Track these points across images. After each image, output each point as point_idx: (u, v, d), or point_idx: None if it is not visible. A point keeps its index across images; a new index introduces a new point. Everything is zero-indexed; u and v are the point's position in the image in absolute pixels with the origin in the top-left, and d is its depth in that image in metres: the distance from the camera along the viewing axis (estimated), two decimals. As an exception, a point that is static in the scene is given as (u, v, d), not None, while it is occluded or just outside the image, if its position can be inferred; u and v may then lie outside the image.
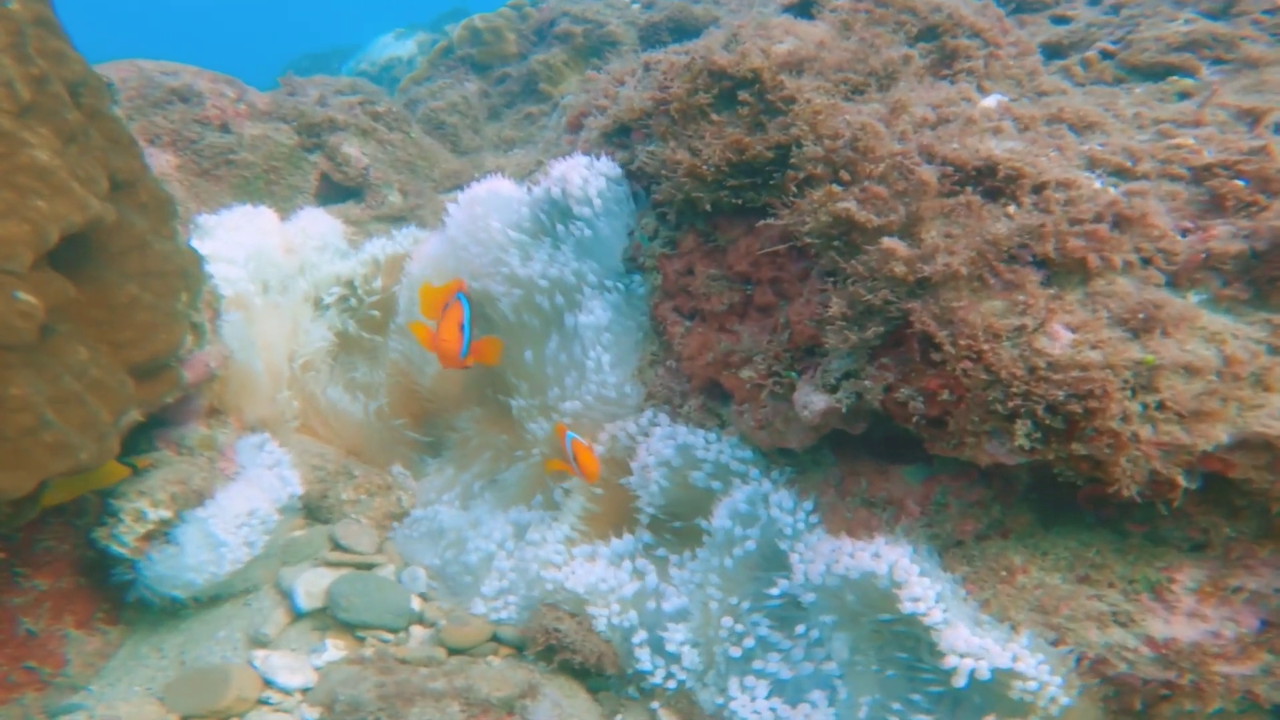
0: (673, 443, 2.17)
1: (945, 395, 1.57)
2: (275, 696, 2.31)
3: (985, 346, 1.51)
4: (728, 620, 2.10)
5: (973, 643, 1.60)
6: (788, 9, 2.37)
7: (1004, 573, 1.71)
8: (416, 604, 2.67)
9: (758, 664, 2.09)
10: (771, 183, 1.92)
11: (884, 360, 1.67)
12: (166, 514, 2.35)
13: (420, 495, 3.01)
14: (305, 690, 2.33)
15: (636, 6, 4.46)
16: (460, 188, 3.65)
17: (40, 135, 1.77)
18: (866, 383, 1.66)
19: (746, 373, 1.96)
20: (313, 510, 2.99)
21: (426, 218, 3.34)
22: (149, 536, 2.31)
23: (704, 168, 1.97)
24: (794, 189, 1.79)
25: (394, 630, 2.58)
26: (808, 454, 2.03)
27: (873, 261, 1.62)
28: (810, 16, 2.21)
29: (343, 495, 2.98)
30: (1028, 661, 1.60)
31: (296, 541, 2.85)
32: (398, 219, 3.33)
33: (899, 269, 1.58)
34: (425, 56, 8.82)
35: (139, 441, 2.42)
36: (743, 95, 1.96)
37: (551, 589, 2.33)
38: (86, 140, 1.96)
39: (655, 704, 2.30)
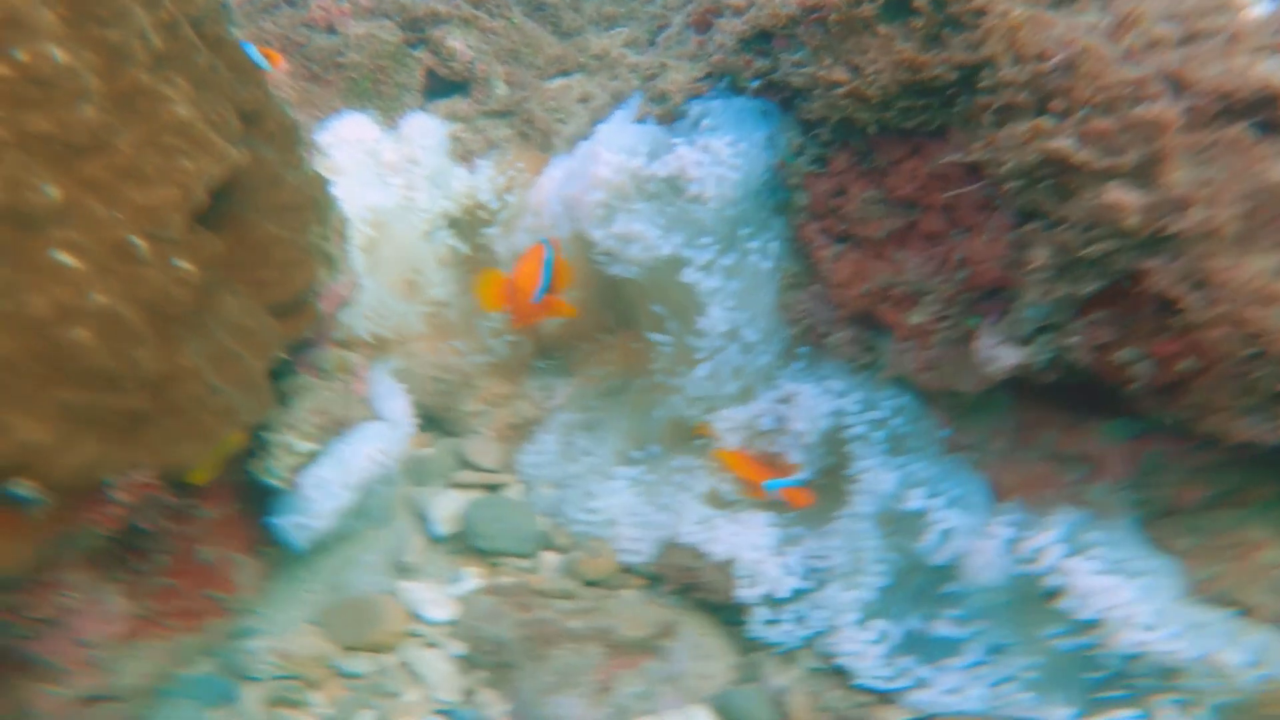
0: (825, 409, 2.07)
1: (1186, 363, 1.42)
2: (422, 629, 2.39)
3: (1251, 314, 1.34)
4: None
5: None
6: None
7: (1237, 548, 1.60)
8: (544, 524, 2.71)
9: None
10: (954, 108, 1.73)
11: (1096, 316, 1.52)
12: (314, 445, 2.39)
13: (544, 412, 3.00)
14: (450, 623, 2.41)
15: None
16: (565, 74, 3.48)
17: (177, 86, 1.68)
18: (1073, 339, 1.53)
19: (916, 317, 1.83)
20: (437, 422, 3.01)
21: (533, 109, 3.18)
22: (297, 467, 2.35)
23: (869, 89, 1.79)
24: (988, 119, 1.60)
25: (526, 556, 2.63)
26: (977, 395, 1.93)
27: (1093, 209, 1.44)
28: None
29: (465, 407, 2.98)
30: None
31: (425, 460, 2.89)
32: (505, 113, 3.18)
33: (1131, 221, 1.40)
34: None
35: (279, 366, 2.43)
36: (917, 3, 1.74)
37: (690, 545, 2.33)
38: (216, 78, 1.87)
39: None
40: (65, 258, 1.40)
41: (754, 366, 2.30)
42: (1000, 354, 1.62)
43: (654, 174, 2.26)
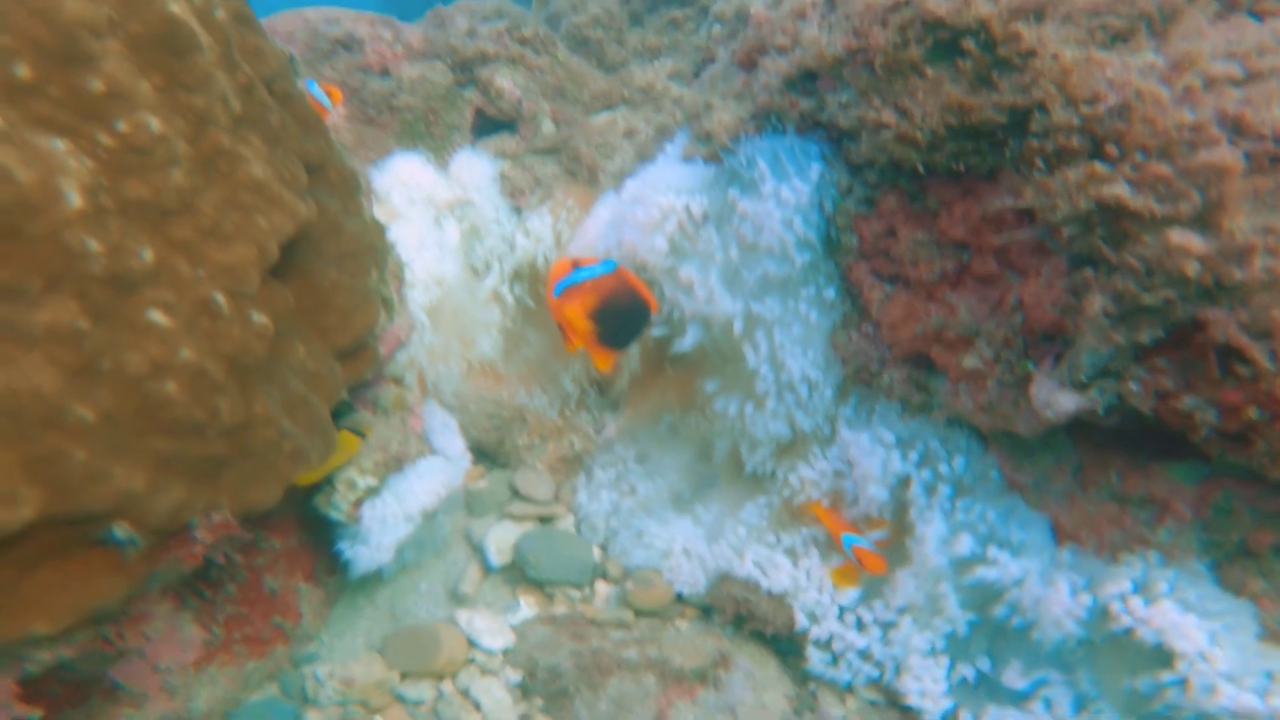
0: (883, 453, 2.10)
1: (1253, 413, 1.43)
2: (480, 657, 2.44)
3: (1316, 367, 1.34)
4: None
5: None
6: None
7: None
8: (597, 554, 2.75)
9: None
10: (1005, 151, 1.76)
11: (1157, 362, 1.53)
12: (374, 481, 2.45)
13: (595, 445, 3.05)
14: (506, 651, 2.46)
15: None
16: (610, 108, 3.55)
17: (252, 146, 1.76)
18: (1132, 385, 1.53)
19: (970, 361, 1.85)
20: (490, 456, 3.08)
21: (580, 146, 3.24)
22: (359, 502, 2.42)
23: (918, 132, 1.82)
24: (1040, 163, 1.63)
25: (579, 586, 2.67)
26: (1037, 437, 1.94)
27: (1152, 256, 1.44)
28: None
29: (518, 441, 3.05)
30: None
31: (480, 493, 2.95)
32: (552, 150, 3.25)
33: (1191, 269, 1.41)
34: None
35: (340, 405, 2.51)
36: (966, 45, 1.76)
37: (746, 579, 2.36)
38: (286, 134, 1.95)
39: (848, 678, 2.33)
40: (158, 316, 1.48)
41: (813, 406, 2.33)
42: (1058, 399, 1.63)
43: (703, 215, 2.31)
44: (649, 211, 2.40)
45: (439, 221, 2.88)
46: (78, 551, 1.45)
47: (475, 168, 3.00)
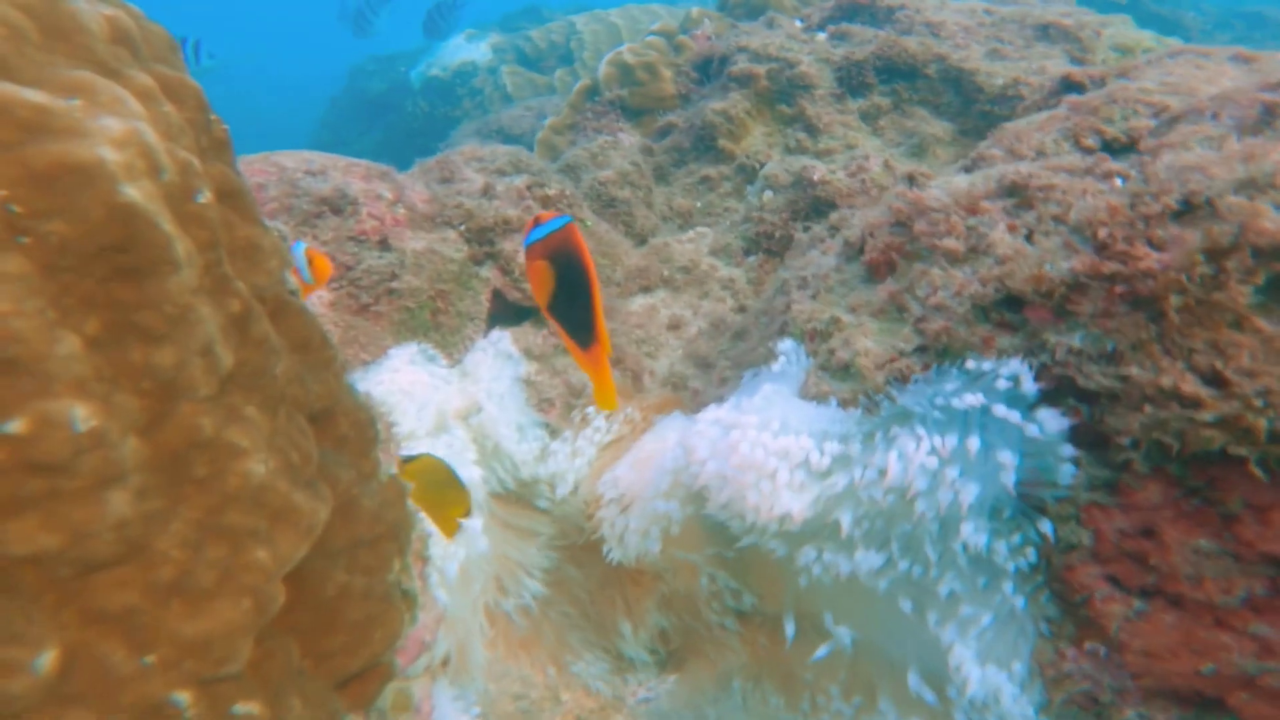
0: None
1: None
2: None
3: None
4: None
5: None
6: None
7: None
8: None
9: None
10: None
11: None
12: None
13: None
14: None
15: (823, 36, 3.70)
16: (647, 290, 2.95)
17: (248, 424, 1.07)
18: None
19: None
20: None
21: (621, 344, 2.62)
22: None
23: (1254, 419, 1.24)
24: None
25: None
26: None
27: None
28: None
29: (548, 726, 2.30)
30: None
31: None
32: (588, 346, 2.62)
33: None
34: (508, 66, 8.12)
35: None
36: None
37: None
38: (290, 387, 1.26)
39: None
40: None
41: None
42: None
43: (854, 484, 1.68)
44: (755, 454, 1.77)
45: (449, 440, 2.19)
46: None
47: (495, 370, 2.35)
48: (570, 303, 1.56)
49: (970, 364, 1.61)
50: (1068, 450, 1.53)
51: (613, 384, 1.64)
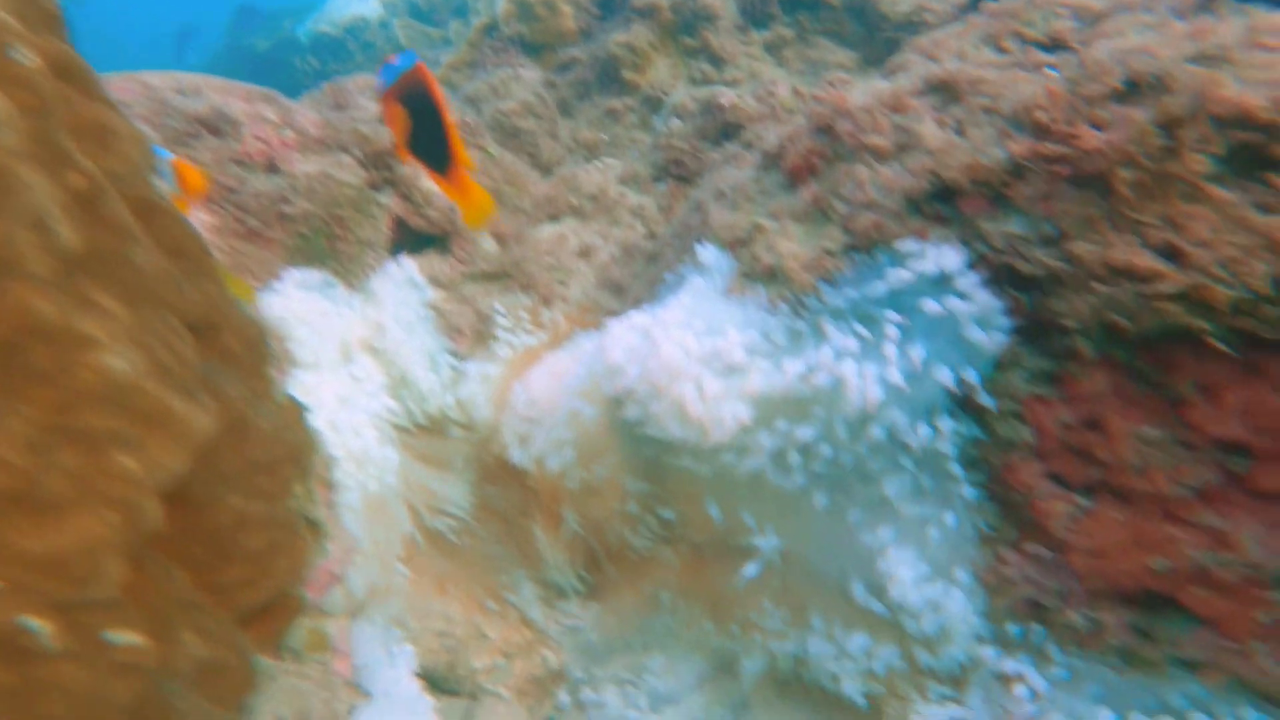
0: None
1: None
2: None
3: None
4: None
5: None
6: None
7: None
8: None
9: None
10: None
11: None
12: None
13: (579, 657, 2.23)
14: None
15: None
16: (555, 219, 2.82)
17: (101, 313, 0.92)
18: None
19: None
20: (439, 684, 2.19)
21: (535, 273, 2.50)
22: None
23: (1216, 289, 1.20)
24: None
25: None
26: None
27: None
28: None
29: (475, 663, 2.19)
30: None
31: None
32: (498, 276, 2.48)
33: None
34: (400, 19, 7.79)
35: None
36: None
37: None
38: (158, 283, 1.11)
39: None
40: None
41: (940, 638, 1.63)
42: None
43: (785, 386, 1.59)
44: (678, 356, 1.67)
45: (354, 370, 2.04)
46: None
47: (400, 297, 2.20)
48: (429, 137, 1.56)
49: (899, 246, 1.55)
50: (1004, 321, 1.48)
51: (480, 199, 1.64)
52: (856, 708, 1.84)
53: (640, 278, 2.33)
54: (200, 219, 2.00)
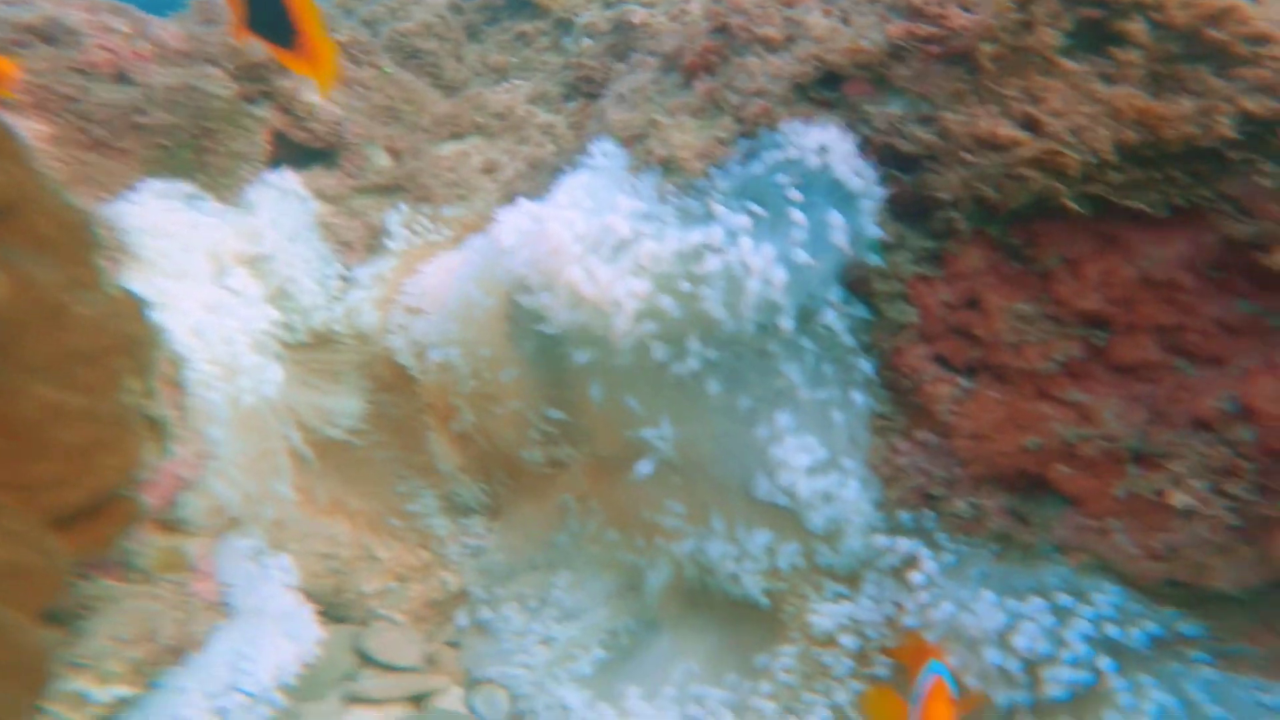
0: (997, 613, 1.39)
1: None
2: None
3: None
4: None
5: None
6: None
7: None
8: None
9: None
10: (1215, 183, 1.14)
11: None
12: (125, 690, 1.49)
13: (479, 579, 2.17)
14: None
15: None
16: (458, 137, 2.72)
17: None
18: None
19: (1181, 498, 1.20)
20: (326, 609, 2.11)
21: (430, 183, 2.41)
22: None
23: (1070, 155, 1.18)
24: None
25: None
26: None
27: None
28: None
29: (365, 587, 2.11)
30: None
31: (310, 668, 1.98)
32: (391, 189, 2.38)
33: None
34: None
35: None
36: (1132, 30, 1.16)
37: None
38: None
39: None
40: None
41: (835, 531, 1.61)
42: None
43: (677, 251, 1.53)
44: (566, 238, 1.60)
45: (228, 283, 1.95)
46: None
47: (280, 208, 2.09)
48: (270, 11, 1.49)
49: (783, 127, 1.51)
50: (878, 191, 1.45)
51: (329, 63, 1.57)
52: (760, 611, 1.80)
53: (544, 187, 2.28)
54: (34, 128, 1.88)
